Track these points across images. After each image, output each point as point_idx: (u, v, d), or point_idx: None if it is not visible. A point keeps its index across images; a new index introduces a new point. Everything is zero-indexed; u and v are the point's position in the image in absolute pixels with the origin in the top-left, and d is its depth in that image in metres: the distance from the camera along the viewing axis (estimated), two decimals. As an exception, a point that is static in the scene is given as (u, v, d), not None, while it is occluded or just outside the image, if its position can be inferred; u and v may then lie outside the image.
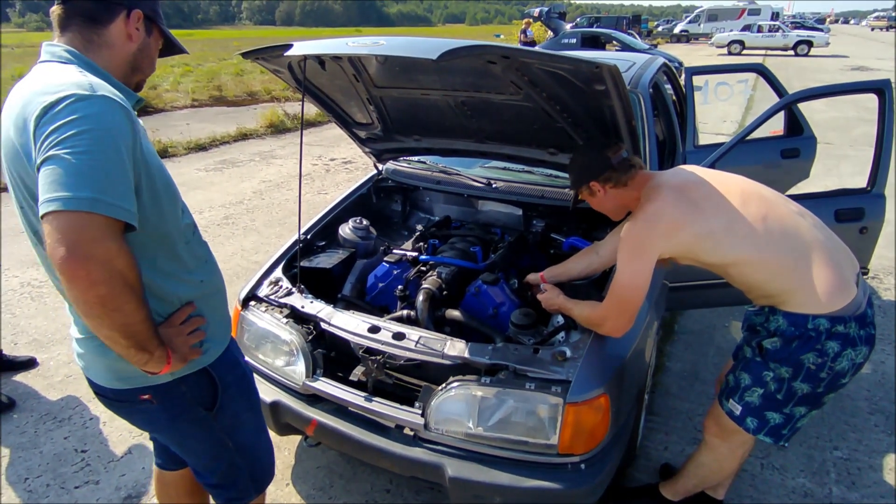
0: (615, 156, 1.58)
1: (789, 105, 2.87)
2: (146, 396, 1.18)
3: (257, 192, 5.77)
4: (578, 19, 23.79)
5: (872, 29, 47.76)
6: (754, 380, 1.57)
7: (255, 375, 1.87)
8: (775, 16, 30.29)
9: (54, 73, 1.01)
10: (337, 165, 6.91)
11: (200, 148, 7.68)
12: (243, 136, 8.42)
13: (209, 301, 1.24)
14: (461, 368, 1.62)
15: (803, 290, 1.44)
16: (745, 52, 23.42)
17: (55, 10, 1.09)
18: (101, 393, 1.24)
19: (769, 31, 23.86)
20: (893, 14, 47.08)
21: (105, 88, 0.99)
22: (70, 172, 0.89)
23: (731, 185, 1.52)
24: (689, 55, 20.06)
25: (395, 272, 2.08)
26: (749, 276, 1.50)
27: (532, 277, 1.95)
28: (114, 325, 0.96)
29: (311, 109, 9.11)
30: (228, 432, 1.32)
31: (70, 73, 1.01)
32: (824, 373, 1.47)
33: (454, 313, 1.85)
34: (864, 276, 2.56)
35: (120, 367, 1.13)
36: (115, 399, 1.22)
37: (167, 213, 1.11)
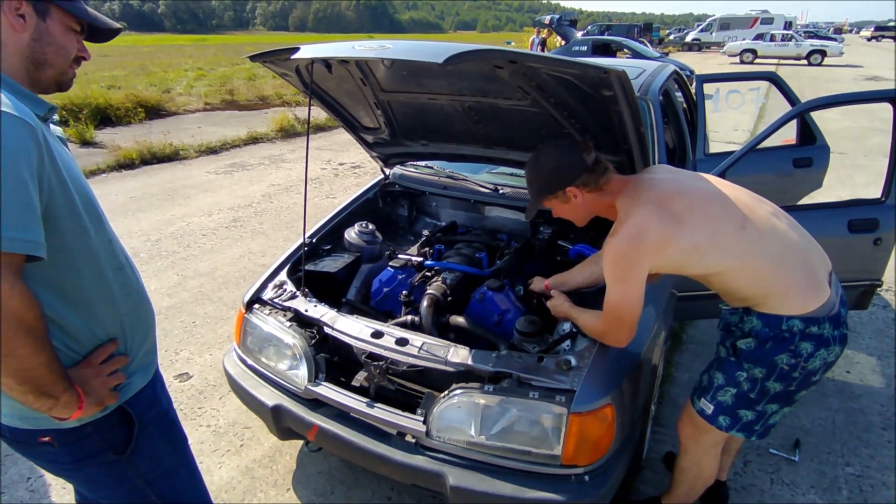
0: (588, 157, 1.48)
1: (802, 114, 2.84)
2: (46, 438, 1.05)
3: (266, 196, 5.80)
4: (590, 27, 23.80)
5: (869, 39, 47.27)
6: (727, 379, 1.57)
7: (257, 379, 1.90)
8: (788, 25, 30.16)
9: None
10: (346, 170, 6.94)
11: (211, 151, 7.75)
12: (254, 140, 8.49)
13: (134, 335, 1.13)
14: (464, 376, 1.60)
15: (779, 292, 1.44)
16: (757, 60, 23.30)
17: None
18: None
19: (782, 40, 23.71)
20: (889, 23, 46.56)
21: (3, 101, 0.86)
22: None
23: (708, 191, 1.49)
24: (701, 63, 19.99)
25: (400, 277, 2.07)
26: (728, 283, 1.49)
27: (537, 282, 1.93)
28: (6, 370, 0.85)
29: (322, 114, 9.16)
30: (148, 479, 1.17)
31: None
32: (797, 372, 1.48)
33: (458, 320, 1.83)
34: (878, 289, 2.52)
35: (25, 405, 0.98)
36: (12, 439, 1.08)
37: (91, 234, 1.01)
